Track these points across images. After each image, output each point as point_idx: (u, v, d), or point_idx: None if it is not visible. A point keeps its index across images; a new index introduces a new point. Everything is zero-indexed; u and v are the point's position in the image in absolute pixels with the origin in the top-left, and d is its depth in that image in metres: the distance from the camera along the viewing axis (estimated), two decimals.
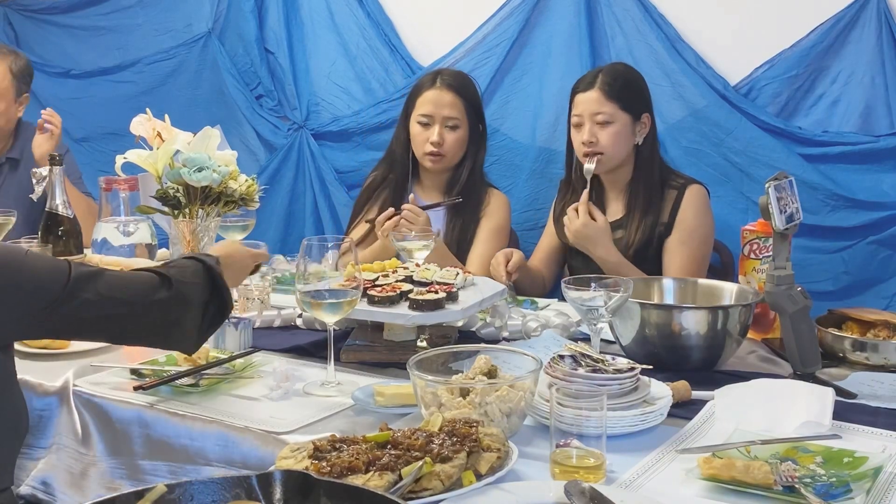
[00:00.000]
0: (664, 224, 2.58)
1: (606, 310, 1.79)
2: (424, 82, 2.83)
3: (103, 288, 1.51)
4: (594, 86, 2.58)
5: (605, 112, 2.55)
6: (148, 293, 1.55)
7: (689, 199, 2.58)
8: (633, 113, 2.58)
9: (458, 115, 2.77)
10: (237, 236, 2.46)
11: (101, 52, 4.13)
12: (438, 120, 2.76)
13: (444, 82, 2.79)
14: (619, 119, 2.56)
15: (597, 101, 2.56)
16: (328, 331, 1.82)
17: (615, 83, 2.57)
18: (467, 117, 2.79)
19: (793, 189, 1.88)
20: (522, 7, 3.33)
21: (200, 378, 1.83)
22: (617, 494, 1.27)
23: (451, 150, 2.78)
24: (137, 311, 1.55)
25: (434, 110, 2.76)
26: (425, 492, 1.26)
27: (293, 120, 3.79)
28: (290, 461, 1.32)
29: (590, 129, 2.56)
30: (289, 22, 3.80)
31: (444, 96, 2.77)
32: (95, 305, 1.50)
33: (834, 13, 2.92)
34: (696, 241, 2.58)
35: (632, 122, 2.58)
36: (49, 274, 1.48)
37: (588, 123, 2.57)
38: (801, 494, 1.29)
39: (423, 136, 2.77)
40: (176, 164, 2.20)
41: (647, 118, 2.61)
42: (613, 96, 2.56)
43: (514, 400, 1.49)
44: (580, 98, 2.60)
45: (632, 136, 2.60)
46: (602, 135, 2.55)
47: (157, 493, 0.97)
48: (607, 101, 2.55)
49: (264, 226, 3.55)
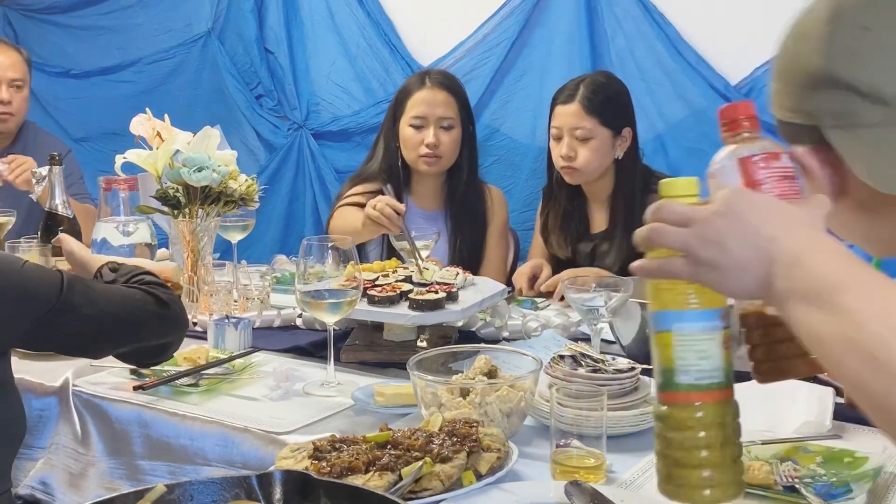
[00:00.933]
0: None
1: (607, 310, 1.79)
2: (413, 83, 2.74)
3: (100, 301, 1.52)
4: (574, 99, 2.52)
5: (584, 127, 2.50)
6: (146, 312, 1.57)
7: None
8: (613, 128, 2.53)
9: (453, 114, 2.69)
10: (237, 236, 2.46)
11: (101, 52, 4.13)
12: (433, 121, 2.67)
13: (436, 81, 2.71)
14: (599, 135, 2.51)
15: (576, 116, 2.51)
16: (328, 331, 1.82)
17: (595, 97, 2.51)
18: (460, 117, 2.72)
19: None
20: (522, 7, 3.33)
21: (200, 378, 1.83)
22: (617, 494, 1.27)
23: (447, 151, 2.70)
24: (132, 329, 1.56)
25: (427, 111, 2.67)
26: (425, 492, 1.26)
27: (293, 120, 3.79)
28: (290, 461, 1.32)
29: (568, 143, 2.51)
30: (289, 22, 3.80)
31: (437, 95, 2.68)
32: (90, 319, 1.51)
33: None
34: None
35: (612, 137, 2.54)
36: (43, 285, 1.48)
37: (567, 137, 2.52)
38: (802, 494, 1.28)
39: (417, 138, 2.68)
40: (176, 163, 2.20)
41: (627, 132, 2.56)
42: (594, 111, 2.50)
43: (514, 400, 1.49)
44: (559, 110, 2.55)
45: (611, 150, 2.55)
46: (581, 150, 2.51)
47: (156, 493, 0.96)
48: (587, 116, 2.50)
49: (264, 226, 3.55)
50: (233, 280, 2.38)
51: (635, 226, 2.62)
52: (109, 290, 1.58)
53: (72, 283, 1.51)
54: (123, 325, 1.55)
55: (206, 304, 2.25)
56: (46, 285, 1.48)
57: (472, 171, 2.80)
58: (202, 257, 2.27)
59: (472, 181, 2.80)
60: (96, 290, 1.55)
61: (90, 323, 1.51)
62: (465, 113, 2.74)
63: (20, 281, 1.46)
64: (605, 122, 2.52)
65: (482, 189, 2.84)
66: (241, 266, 2.50)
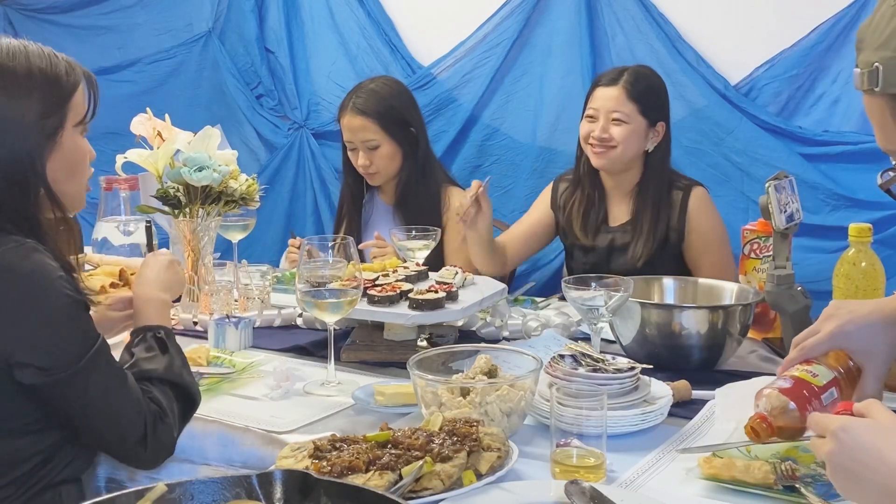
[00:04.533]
0: (675, 229, 2.54)
1: (607, 309, 1.79)
2: (342, 106, 2.81)
3: (98, 396, 1.44)
4: (617, 83, 2.52)
5: (622, 111, 2.49)
6: (128, 437, 1.47)
7: (696, 205, 2.53)
8: (649, 118, 2.52)
9: (373, 135, 2.73)
10: (238, 236, 2.46)
11: (102, 52, 4.13)
12: (358, 144, 2.76)
13: (353, 106, 2.76)
14: (635, 121, 2.50)
15: (616, 99, 2.50)
16: (328, 330, 1.82)
17: (638, 84, 2.52)
18: (385, 132, 2.74)
19: (793, 188, 1.88)
20: (523, 6, 3.33)
21: (200, 378, 1.83)
22: (617, 494, 1.27)
23: (380, 167, 2.77)
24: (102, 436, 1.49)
25: (351, 136, 2.76)
26: (425, 491, 1.26)
27: (293, 119, 3.80)
28: (291, 461, 1.32)
29: (603, 125, 2.51)
30: (289, 21, 3.80)
31: (354, 121, 2.74)
32: (77, 403, 1.44)
33: (834, 13, 2.92)
34: (715, 245, 2.55)
35: (646, 128, 2.53)
36: (70, 342, 1.43)
37: (603, 120, 2.52)
38: (802, 494, 1.28)
39: (354, 159, 2.79)
40: (176, 163, 2.20)
41: (661, 126, 2.55)
42: (635, 97, 2.50)
43: (514, 399, 1.49)
44: (600, 92, 2.55)
45: (644, 140, 2.54)
46: (615, 131, 2.51)
47: (157, 492, 0.96)
48: (627, 101, 2.50)
49: (265, 225, 3.55)
50: (233, 279, 2.38)
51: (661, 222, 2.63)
52: (116, 392, 1.46)
53: (95, 360, 1.44)
54: (98, 427, 1.47)
55: (206, 303, 2.26)
56: (73, 344, 1.44)
57: (423, 175, 2.80)
58: (203, 257, 2.27)
59: (424, 184, 2.80)
60: (107, 379, 1.46)
61: (75, 407, 1.44)
62: (393, 127, 2.75)
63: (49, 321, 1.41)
64: (643, 110, 2.52)
65: (437, 191, 2.82)
66: (242, 265, 2.50)
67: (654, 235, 2.52)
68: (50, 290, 1.42)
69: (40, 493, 1.46)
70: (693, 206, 2.53)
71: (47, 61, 1.49)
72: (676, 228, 2.53)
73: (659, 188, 2.55)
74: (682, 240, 2.54)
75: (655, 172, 2.56)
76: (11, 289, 1.40)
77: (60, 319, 1.42)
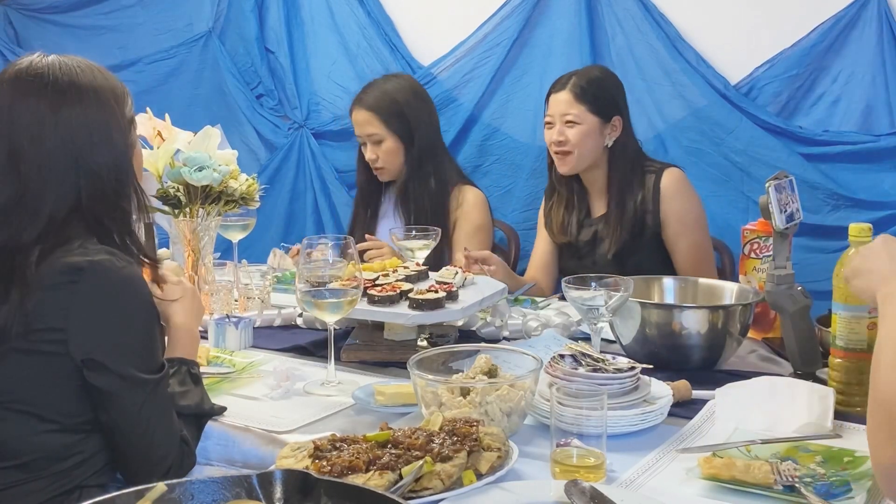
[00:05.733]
0: (651, 212, 2.59)
1: (607, 309, 1.79)
2: (353, 101, 2.90)
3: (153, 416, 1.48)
4: (566, 87, 2.63)
5: (572, 113, 2.59)
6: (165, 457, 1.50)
7: (669, 185, 2.60)
8: (602, 116, 2.61)
9: (375, 129, 2.81)
10: (238, 235, 2.46)
11: (102, 52, 4.11)
12: (365, 138, 2.84)
13: (359, 101, 2.86)
14: (587, 121, 2.59)
15: (566, 102, 2.61)
16: (328, 330, 1.82)
17: (587, 86, 2.61)
18: (388, 128, 2.81)
19: (793, 188, 1.88)
20: (523, 6, 3.33)
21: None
22: (617, 494, 1.27)
23: (386, 162, 2.84)
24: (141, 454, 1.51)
25: (359, 131, 2.86)
26: (426, 491, 1.26)
27: (294, 119, 3.79)
28: (291, 460, 1.33)
29: (559, 129, 2.61)
30: (289, 21, 3.80)
31: (359, 116, 2.84)
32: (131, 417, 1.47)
33: (834, 13, 2.91)
34: (690, 226, 2.61)
35: (600, 125, 2.61)
36: (143, 357, 1.48)
37: (558, 124, 2.62)
38: (802, 494, 1.29)
39: (366, 154, 2.87)
40: (176, 163, 2.20)
41: (617, 121, 2.63)
42: (583, 98, 2.60)
43: (514, 399, 1.49)
44: (552, 98, 2.66)
45: (600, 137, 2.62)
46: (570, 133, 2.59)
47: (157, 492, 0.96)
48: (576, 103, 2.60)
49: (265, 225, 3.55)
50: (233, 279, 2.38)
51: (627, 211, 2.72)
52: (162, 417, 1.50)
53: (160, 382, 1.48)
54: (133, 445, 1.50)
55: (206, 303, 2.25)
56: (150, 360, 1.48)
57: (420, 171, 2.83)
58: (203, 257, 2.27)
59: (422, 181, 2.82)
60: (162, 403, 1.50)
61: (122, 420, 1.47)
62: (396, 122, 2.81)
63: (135, 330, 1.46)
64: (593, 109, 2.60)
65: (443, 191, 2.84)
66: (242, 265, 2.50)
67: (622, 224, 2.60)
68: (143, 302, 1.49)
69: (68, 493, 1.48)
70: (665, 187, 2.61)
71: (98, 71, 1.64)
72: (652, 211, 2.61)
73: (623, 179, 2.63)
74: (658, 224, 2.60)
75: (619, 164, 2.64)
76: (107, 290, 1.44)
77: (147, 332, 1.49)
